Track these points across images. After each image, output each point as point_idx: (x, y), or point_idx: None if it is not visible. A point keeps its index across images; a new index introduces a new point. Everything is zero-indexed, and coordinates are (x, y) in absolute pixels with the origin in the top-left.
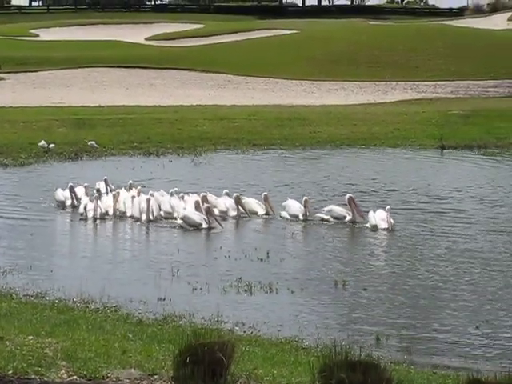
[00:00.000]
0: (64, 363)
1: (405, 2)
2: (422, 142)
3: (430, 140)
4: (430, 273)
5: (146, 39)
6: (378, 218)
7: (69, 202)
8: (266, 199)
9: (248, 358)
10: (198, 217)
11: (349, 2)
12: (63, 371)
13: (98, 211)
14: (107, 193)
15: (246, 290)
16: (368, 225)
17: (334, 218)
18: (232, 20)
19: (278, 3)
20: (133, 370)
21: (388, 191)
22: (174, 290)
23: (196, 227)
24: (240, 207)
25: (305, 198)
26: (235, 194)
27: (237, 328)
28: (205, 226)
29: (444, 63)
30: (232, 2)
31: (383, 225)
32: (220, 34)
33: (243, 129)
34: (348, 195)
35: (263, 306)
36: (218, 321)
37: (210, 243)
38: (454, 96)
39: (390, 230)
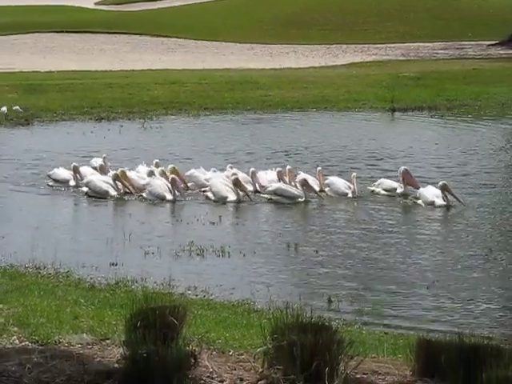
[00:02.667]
0: (16, 329)
1: None
2: (372, 104)
3: (380, 102)
4: (381, 237)
5: (96, 4)
6: (432, 194)
7: (73, 183)
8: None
9: (200, 322)
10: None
11: None
12: (15, 337)
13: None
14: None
15: (198, 254)
16: (421, 202)
17: (385, 190)
18: None
19: None
20: (84, 335)
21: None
22: (127, 255)
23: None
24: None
25: (353, 174)
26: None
27: (189, 292)
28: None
29: (394, 25)
30: None
31: (438, 201)
32: None
33: (194, 93)
34: (402, 167)
35: (215, 270)
36: (170, 285)
37: (164, 210)
38: (404, 58)
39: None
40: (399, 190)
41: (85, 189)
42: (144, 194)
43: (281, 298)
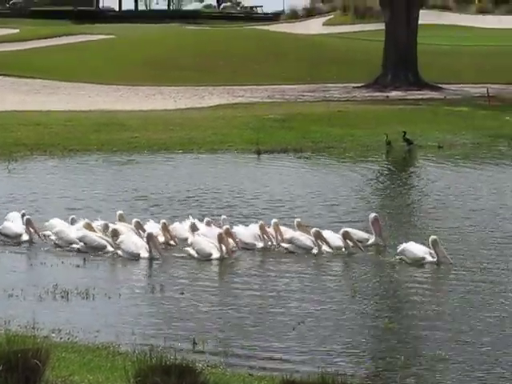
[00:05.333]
0: None
1: (221, 7)
2: (239, 146)
3: (246, 144)
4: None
5: None
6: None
7: (26, 237)
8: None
9: (64, 365)
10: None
11: (166, 8)
12: None
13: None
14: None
15: (62, 297)
16: (406, 258)
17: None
18: (48, 24)
19: (94, 8)
20: None
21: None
22: None
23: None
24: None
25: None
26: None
27: (53, 335)
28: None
29: (260, 68)
30: (48, 6)
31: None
32: (36, 39)
33: (59, 134)
34: (373, 214)
35: (80, 312)
36: (33, 328)
37: (28, 251)
38: (270, 100)
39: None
40: (371, 241)
41: None
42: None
43: (145, 341)
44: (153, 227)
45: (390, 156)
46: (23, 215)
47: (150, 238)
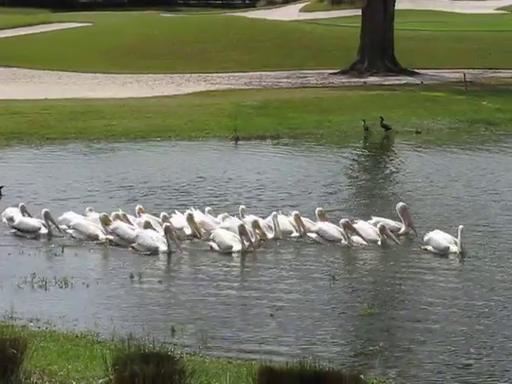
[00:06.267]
0: None
1: None
2: (216, 133)
3: (224, 131)
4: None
5: None
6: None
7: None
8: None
9: (42, 354)
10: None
11: None
12: None
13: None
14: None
15: (40, 286)
16: (430, 247)
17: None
18: (25, 13)
19: None
20: None
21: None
22: None
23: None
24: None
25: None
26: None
27: (31, 324)
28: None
29: (237, 54)
30: None
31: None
32: (12, 28)
33: (36, 123)
34: (400, 204)
35: (58, 301)
36: (11, 317)
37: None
38: (247, 87)
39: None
40: (402, 230)
41: None
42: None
43: (124, 329)
44: (179, 220)
45: (367, 142)
46: (22, 208)
47: (168, 231)
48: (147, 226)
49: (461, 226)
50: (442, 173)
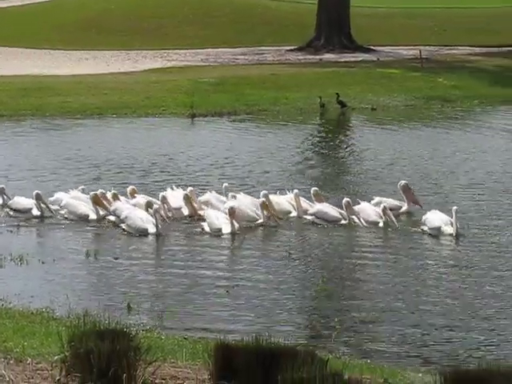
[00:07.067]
0: None
1: None
2: (173, 110)
3: (180, 108)
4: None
5: None
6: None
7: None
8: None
9: None
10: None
11: None
12: None
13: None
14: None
15: None
16: (427, 228)
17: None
18: None
19: None
20: None
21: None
22: None
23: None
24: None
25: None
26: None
27: None
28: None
29: (194, 30)
30: None
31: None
32: None
33: None
34: (402, 182)
35: (14, 278)
36: None
37: None
38: (204, 64)
39: None
40: (404, 208)
41: None
42: None
43: (80, 306)
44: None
45: (323, 118)
46: (1, 190)
47: (156, 213)
48: (149, 206)
49: (455, 207)
50: (395, 149)
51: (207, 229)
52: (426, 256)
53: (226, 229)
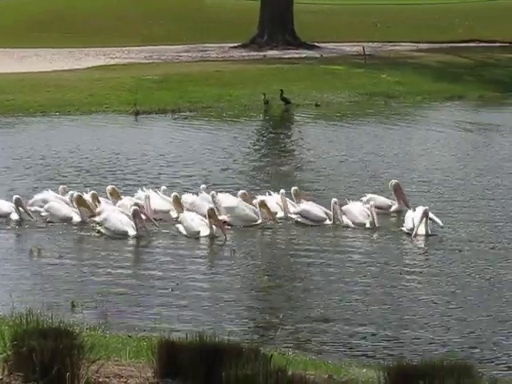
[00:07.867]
0: None
1: None
2: (116, 107)
3: (124, 105)
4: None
5: None
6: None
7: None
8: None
9: None
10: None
11: None
12: None
13: None
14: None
15: None
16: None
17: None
18: None
19: None
20: None
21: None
22: None
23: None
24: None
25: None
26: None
27: None
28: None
29: (137, 28)
30: None
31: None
32: None
33: None
34: (393, 181)
35: None
36: None
37: None
38: (147, 61)
39: None
40: (394, 207)
41: None
42: None
43: (23, 305)
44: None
45: (267, 115)
46: None
47: (136, 215)
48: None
49: (426, 207)
50: (339, 145)
51: (184, 232)
52: (383, 255)
53: (204, 231)
